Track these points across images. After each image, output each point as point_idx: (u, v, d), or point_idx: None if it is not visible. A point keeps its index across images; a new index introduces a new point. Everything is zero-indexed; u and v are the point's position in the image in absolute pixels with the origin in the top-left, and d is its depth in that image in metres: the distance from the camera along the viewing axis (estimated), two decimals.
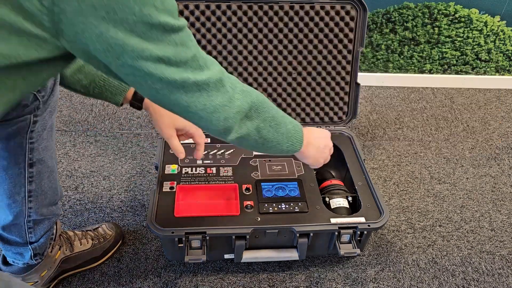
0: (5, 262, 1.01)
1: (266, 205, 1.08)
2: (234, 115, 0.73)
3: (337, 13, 1.24)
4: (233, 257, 1.08)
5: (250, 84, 1.29)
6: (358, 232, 1.06)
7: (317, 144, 0.93)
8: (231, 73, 1.27)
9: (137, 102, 0.98)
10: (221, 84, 0.69)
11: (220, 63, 1.26)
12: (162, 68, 0.62)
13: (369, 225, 1.05)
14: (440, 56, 1.88)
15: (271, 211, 1.07)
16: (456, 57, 1.88)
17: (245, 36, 1.24)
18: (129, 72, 0.61)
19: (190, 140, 1.26)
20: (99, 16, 0.54)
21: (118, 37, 0.56)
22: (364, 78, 1.88)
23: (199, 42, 1.23)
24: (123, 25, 0.56)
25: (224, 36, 1.24)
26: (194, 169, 1.18)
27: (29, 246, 0.96)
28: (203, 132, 1.04)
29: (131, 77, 0.62)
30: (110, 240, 1.16)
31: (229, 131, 0.75)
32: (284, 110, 1.33)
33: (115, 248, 1.18)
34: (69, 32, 0.55)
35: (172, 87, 0.64)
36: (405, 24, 1.78)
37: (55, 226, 1.04)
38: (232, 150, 1.25)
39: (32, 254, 0.97)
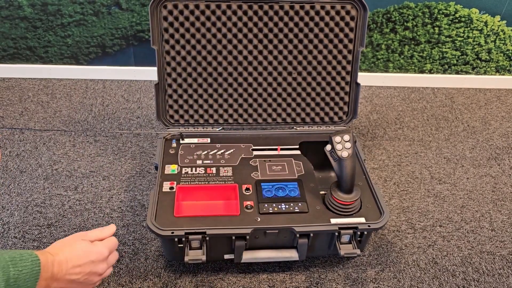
0: None
1: (266, 205, 1.08)
2: None
3: (338, 12, 1.23)
4: (233, 257, 1.08)
5: (250, 84, 1.29)
6: (359, 233, 1.06)
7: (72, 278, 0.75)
8: (231, 73, 1.27)
9: None
10: None
11: (220, 63, 1.27)
12: None
13: (369, 226, 1.05)
14: (441, 56, 1.87)
15: (271, 211, 1.07)
16: (457, 57, 1.88)
17: (245, 35, 1.24)
18: None
19: (192, 140, 1.27)
20: None
21: None
22: (364, 78, 1.88)
23: (199, 42, 1.23)
24: None
25: (224, 35, 1.23)
26: (194, 169, 1.18)
27: None
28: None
29: None
30: None
31: None
32: (284, 110, 1.33)
33: None
34: None
35: None
36: (405, 23, 1.78)
37: None
38: (232, 150, 1.25)
39: None
